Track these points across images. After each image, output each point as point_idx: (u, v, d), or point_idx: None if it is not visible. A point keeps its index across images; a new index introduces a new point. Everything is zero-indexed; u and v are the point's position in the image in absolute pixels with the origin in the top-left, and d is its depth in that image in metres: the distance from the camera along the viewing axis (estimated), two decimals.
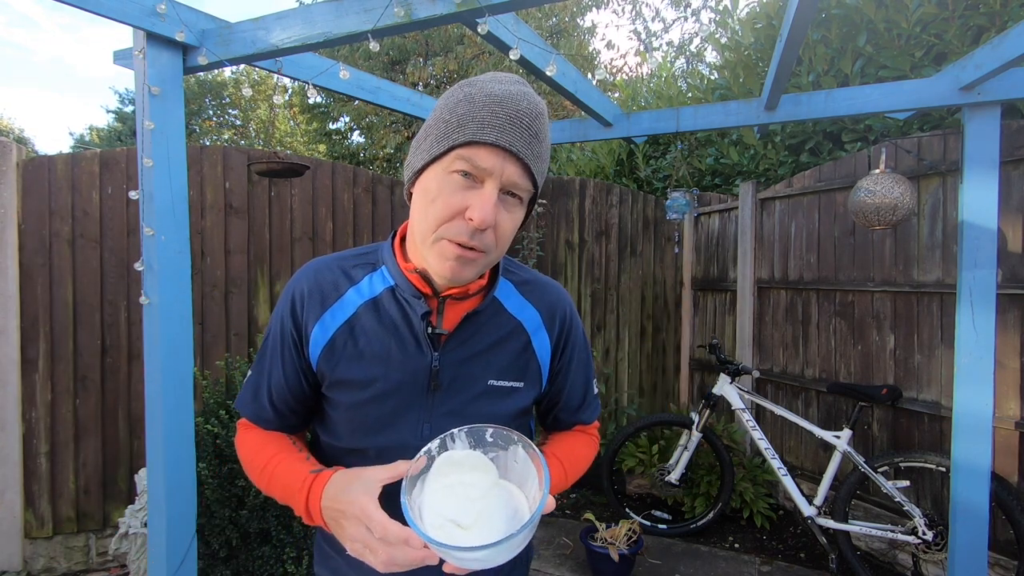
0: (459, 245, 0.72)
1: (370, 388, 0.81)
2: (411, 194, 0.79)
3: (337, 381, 0.82)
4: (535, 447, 0.69)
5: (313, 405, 0.90)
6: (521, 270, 0.93)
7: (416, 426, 0.81)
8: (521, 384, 0.86)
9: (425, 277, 0.80)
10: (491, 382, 0.83)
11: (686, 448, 3.17)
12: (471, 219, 0.71)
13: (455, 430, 0.71)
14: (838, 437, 2.73)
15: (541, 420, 1.01)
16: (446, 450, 0.70)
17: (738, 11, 4.49)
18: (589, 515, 2.88)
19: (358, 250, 0.90)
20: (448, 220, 0.72)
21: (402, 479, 0.67)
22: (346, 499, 0.69)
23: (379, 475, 0.71)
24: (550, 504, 0.65)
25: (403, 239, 0.87)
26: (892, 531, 2.59)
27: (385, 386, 0.81)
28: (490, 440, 0.72)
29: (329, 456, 0.87)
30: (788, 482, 2.83)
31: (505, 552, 0.62)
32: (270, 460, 0.83)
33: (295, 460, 0.81)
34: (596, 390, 1.01)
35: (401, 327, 0.82)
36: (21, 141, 18.16)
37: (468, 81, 0.76)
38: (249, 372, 0.91)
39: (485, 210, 0.70)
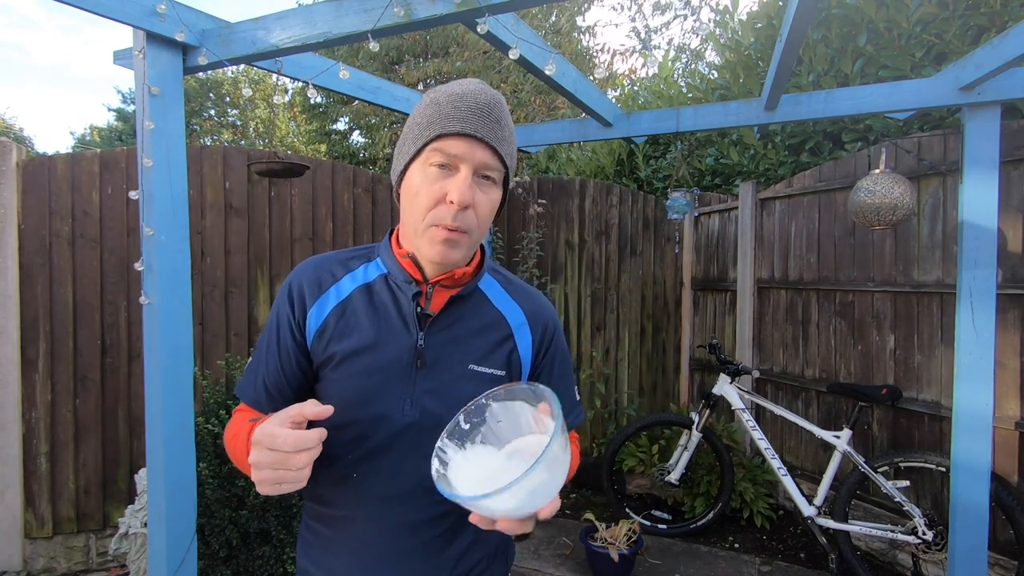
0: (446, 228, 0.81)
1: (357, 363, 0.86)
2: (399, 195, 0.89)
3: (327, 358, 0.88)
4: (506, 387, 0.72)
5: (307, 393, 0.93)
6: (507, 274, 1.01)
7: (399, 401, 0.85)
8: (504, 373, 0.90)
9: (416, 263, 0.88)
10: (471, 366, 0.88)
11: (686, 448, 3.17)
12: (451, 201, 0.79)
13: (440, 444, 0.70)
14: (838, 437, 2.73)
15: None
16: (446, 467, 0.70)
17: (738, 11, 4.49)
18: (589, 515, 2.88)
19: (356, 248, 0.99)
20: (433, 207, 0.81)
21: (321, 420, 0.71)
22: (259, 432, 0.69)
23: (295, 407, 0.72)
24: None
25: (399, 236, 0.95)
26: (892, 531, 2.60)
27: (371, 362, 0.86)
28: (467, 427, 0.72)
29: None
30: (788, 482, 2.83)
31: (532, 492, 0.61)
32: (242, 427, 0.85)
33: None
34: (578, 397, 1.04)
35: (391, 309, 0.89)
36: (21, 141, 18.15)
37: (433, 89, 0.86)
38: (249, 359, 0.98)
39: (462, 190, 0.79)
